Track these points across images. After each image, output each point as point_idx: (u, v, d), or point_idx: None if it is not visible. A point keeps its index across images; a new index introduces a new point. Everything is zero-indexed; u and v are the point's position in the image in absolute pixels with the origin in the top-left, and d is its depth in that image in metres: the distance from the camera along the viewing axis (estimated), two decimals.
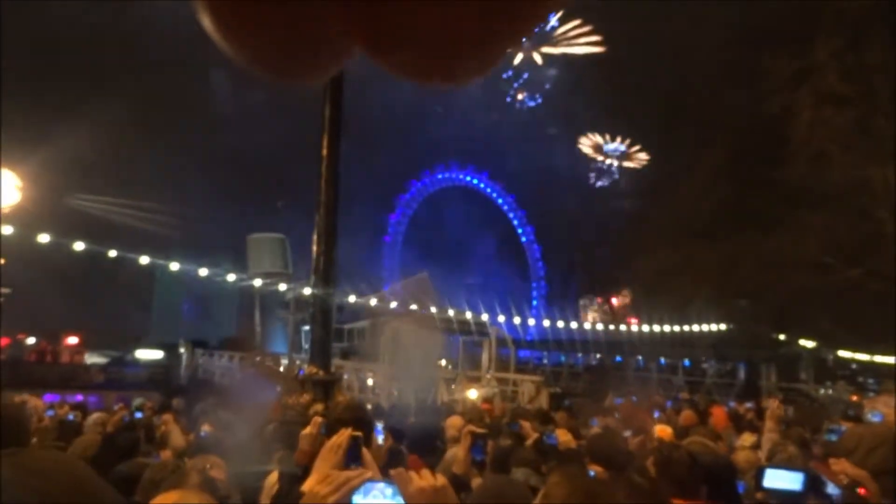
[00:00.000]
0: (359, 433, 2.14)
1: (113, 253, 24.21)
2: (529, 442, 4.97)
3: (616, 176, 56.82)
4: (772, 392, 28.58)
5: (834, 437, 4.92)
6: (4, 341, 23.67)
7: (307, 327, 25.03)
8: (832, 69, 22.22)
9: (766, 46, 24.29)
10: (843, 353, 35.49)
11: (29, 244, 21.54)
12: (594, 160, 56.68)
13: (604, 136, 55.92)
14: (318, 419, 2.92)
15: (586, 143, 56.72)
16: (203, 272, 27.10)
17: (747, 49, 28.63)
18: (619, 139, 55.74)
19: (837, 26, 21.80)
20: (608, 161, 56.86)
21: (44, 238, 21.63)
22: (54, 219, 23.41)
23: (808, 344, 34.35)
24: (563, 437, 4.79)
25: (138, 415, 9.06)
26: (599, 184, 56.29)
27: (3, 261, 19.88)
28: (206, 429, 6.82)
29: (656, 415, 9.89)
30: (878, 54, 21.16)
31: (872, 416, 4.88)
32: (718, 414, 8.61)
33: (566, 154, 55.19)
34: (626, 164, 56.63)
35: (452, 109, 51.93)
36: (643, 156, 55.47)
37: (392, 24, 0.51)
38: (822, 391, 31.71)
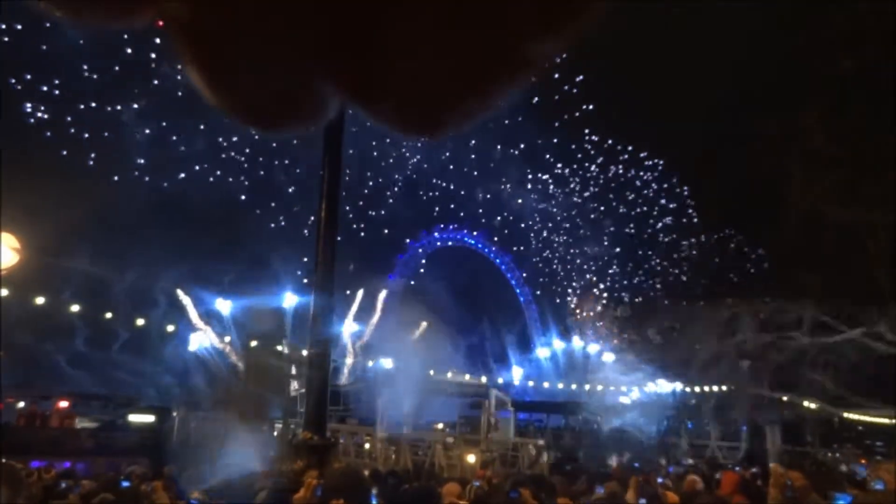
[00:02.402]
0: None
1: (108, 315, 24.11)
2: None
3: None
4: (778, 456, 27.91)
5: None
6: None
7: (303, 390, 24.60)
8: (819, 132, 22.82)
9: (753, 111, 25.07)
10: (848, 415, 34.86)
11: (23, 306, 21.47)
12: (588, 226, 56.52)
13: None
14: (312, 482, 2.85)
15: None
16: (197, 339, 26.95)
17: (736, 113, 29.53)
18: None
19: (823, 91, 22.54)
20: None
21: (40, 300, 21.57)
22: (49, 280, 23.44)
23: (812, 405, 33.78)
24: None
25: (125, 484, 8.78)
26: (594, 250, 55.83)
27: None
28: (196, 497, 6.61)
29: (659, 481, 9.62)
30: (862, 118, 21.80)
31: (876, 485, 4.77)
32: (728, 479, 8.31)
33: (559, 214, 55.86)
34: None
35: (450, 171, 52.84)
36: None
37: (375, 76, 0.52)
38: (828, 454, 30.98)
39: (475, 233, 55.00)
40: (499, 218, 54.72)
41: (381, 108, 0.59)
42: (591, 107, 51.52)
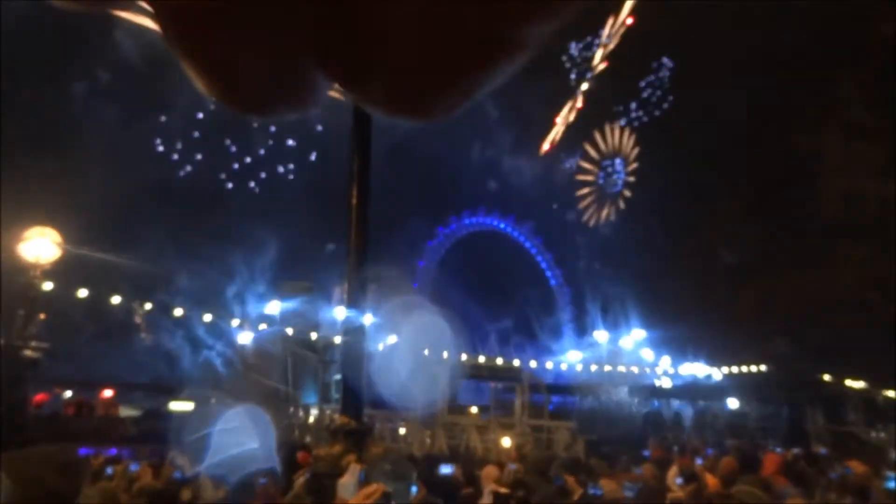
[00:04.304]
0: (389, 491, 2.11)
1: (148, 306, 24.71)
2: (576, 497, 4.77)
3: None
4: (820, 436, 27.31)
5: (893, 485, 4.64)
6: (42, 396, 24.03)
7: (338, 376, 24.93)
8: (859, 102, 22.06)
9: (791, 82, 24.25)
10: (891, 394, 33.94)
11: (67, 299, 22.10)
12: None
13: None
14: (357, 466, 2.87)
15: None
16: (236, 322, 27.46)
17: (773, 85, 28.51)
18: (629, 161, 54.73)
19: (862, 59, 21.74)
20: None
21: (83, 293, 22.16)
22: (93, 273, 24.06)
23: (855, 384, 32.96)
24: (607, 486, 4.60)
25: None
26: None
27: (43, 316, 20.36)
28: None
29: (698, 462, 9.49)
30: None
31: None
32: (771, 461, 8.05)
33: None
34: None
35: (480, 155, 52.54)
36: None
37: (365, 56, 0.51)
38: (873, 434, 30.22)
39: (505, 217, 54.74)
40: (527, 202, 54.30)
41: (370, 90, 0.56)
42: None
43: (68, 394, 27.37)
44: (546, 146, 53.76)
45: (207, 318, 27.05)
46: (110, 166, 32.95)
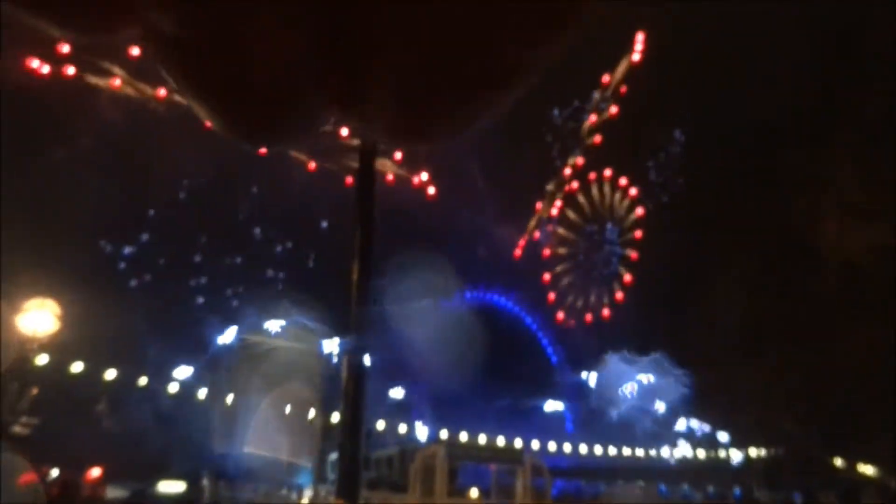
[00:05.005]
0: None
1: (143, 381, 24.33)
2: None
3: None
4: None
5: None
6: (29, 477, 23.24)
7: (334, 456, 24.17)
8: (853, 179, 22.49)
9: (785, 150, 24.58)
10: None
11: (60, 372, 21.79)
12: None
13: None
14: None
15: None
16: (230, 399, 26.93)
17: (768, 152, 28.72)
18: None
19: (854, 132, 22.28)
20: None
21: (77, 367, 21.89)
22: (85, 346, 23.82)
23: (868, 469, 31.89)
24: None
25: None
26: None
27: (35, 391, 20.00)
28: None
29: None
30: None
31: None
32: None
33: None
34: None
35: (478, 230, 52.89)
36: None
37: (367, 82, 0.51)
38: None
39: (506, 293, 54.64)
40: (527, 277, 54.24)
41: (373, 114, 0.57)
42: None
43: (55, 472, 26.47)
44: (517, 252, 43.27)
45: (202, 394, 26.56)
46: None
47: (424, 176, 29.39)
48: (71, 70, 25.02)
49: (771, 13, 30.50)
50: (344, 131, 18.73)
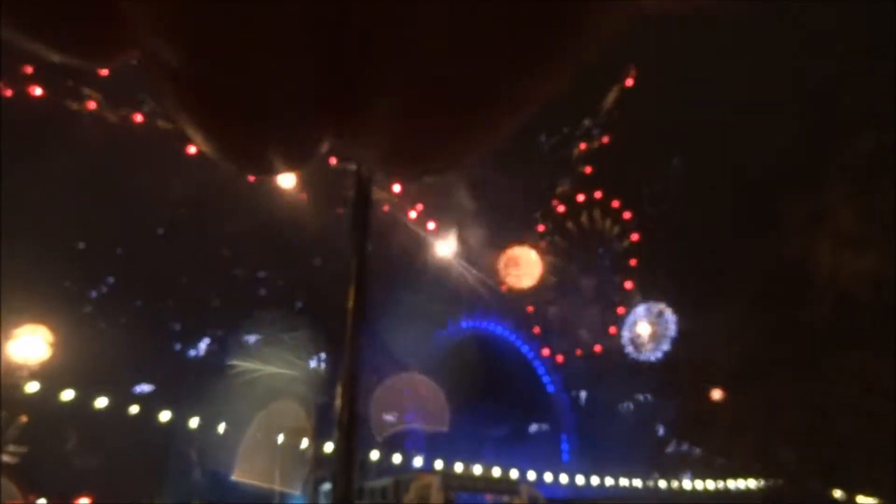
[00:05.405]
0: None
1: (134, 409, 24.00)
2: None
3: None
4: None
5: None
6: None
7: (327, 486, 23.84)
8: (846, 211, 22.70)
9: (779, 189, 24.93)
10: None
11: (50, 401, 21.49)
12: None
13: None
14: None
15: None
16: (221, 428, 26.57)
17: (762, 192, 29.15)
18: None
19: (848, 168, 22.58)
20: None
21: (68, 395, 21.61)
22: (77, 373, 23.55)
23: (868, 501, 31.51)
24: None
25: None
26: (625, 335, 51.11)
27: (25, 419, 19.69)
28: None
29: None
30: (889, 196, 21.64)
31: None
32: None
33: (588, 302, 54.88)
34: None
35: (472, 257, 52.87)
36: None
37: (364, 114, 0.51)
38: None
39: (501, 320, 54.46)
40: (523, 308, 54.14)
41: (367, 142, 0.57)
42: None
43: (42, 502, 25.98)
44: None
45: (193, 423, 26.22)
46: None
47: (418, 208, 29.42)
48: (38, 91, 25.04)
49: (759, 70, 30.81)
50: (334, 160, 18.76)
